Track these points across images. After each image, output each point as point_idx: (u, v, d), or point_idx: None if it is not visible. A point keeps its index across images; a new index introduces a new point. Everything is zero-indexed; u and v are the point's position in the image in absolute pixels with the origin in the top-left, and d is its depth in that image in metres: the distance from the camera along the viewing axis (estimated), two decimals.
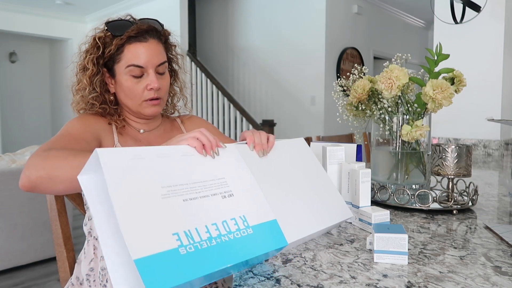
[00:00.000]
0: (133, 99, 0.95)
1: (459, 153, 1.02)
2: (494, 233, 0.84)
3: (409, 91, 1.13)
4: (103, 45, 0.92)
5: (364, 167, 0.91)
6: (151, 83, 0.93)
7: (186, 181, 0.60)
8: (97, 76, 0.94)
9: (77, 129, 0.89)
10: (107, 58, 0.93)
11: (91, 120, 0.94)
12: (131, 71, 0.92)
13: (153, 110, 0.97)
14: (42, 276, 2.58)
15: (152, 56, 0.93)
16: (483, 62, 2.44)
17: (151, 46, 0.93)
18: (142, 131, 1.03)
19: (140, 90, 0.94)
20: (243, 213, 0.63)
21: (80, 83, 0.95)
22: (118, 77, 0.94)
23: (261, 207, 0.66)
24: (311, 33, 4.58)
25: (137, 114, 1.00)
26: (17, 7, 5.59)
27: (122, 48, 0.91)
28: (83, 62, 0.94)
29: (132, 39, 0.91)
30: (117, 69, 0.94)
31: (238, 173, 0.69)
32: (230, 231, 0.59)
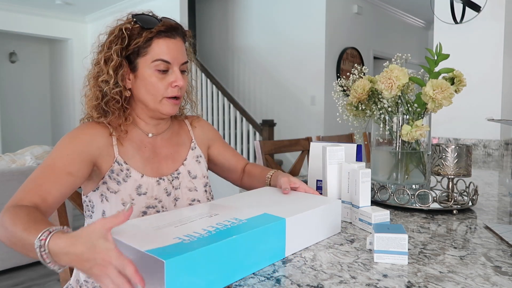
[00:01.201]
0: (155, 95, 0.91)
1: (459, 153, 1.02)
2: (494, 233, 0.84)
3: (409, 91, 1.13)
4: (129, 36, 0.89)
5: (364, 167, 0.91)
6: (177, 80, 0.91)
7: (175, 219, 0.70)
8: (120, 68, 0.89)
9: (64, 159, 0.83)
10: (130, 50, 0.89)
11: (87, 139, 0.88)
12: (157, 65, 0.90)
13: (172, 109, 0.94)
14: (42, 276, 2.58)
15: (178, 53, 0.93)
16: (483, 62, 2.44)
17: (178, 44, 0.93)
18: (150, 135, 0.98)
19: (163, 86, 0.91)
20: (233, 216, 0.71)
21: (102, 75, 0.89)
22: (141, 71, 0.90)
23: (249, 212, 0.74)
24: (311, 33, 4.58)
25: (152, 113, 0.95)
26: (17, 7, 5.59)
27: (150, 42, 0.89)
28: (108, 53, 0.89)
29: (162, 33, 0.90)
30: (141, 62, 0.90)
31: (214, 206, 0.80)
32: (225, 225, 0.66)
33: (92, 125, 0.91)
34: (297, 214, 0.73)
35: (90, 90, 0.93)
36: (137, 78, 0.91)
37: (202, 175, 1.03)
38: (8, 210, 0.71)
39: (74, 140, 0.87)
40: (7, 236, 0.68)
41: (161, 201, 0.93)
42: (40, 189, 0.78)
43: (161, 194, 0.93)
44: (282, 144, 1.87)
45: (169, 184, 0.96)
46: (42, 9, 5.78)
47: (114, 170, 0.90)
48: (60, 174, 0.81)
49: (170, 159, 0.99)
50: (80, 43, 6.34)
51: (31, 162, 2.78)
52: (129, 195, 0.89)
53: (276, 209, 0.76)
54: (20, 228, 0.65)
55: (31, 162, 2.78)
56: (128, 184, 0.90)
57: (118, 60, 0.88)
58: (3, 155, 2.81)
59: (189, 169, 1.01)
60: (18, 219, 0.67)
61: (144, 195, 0.91)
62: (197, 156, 1.05)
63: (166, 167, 0.97)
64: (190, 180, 1.00)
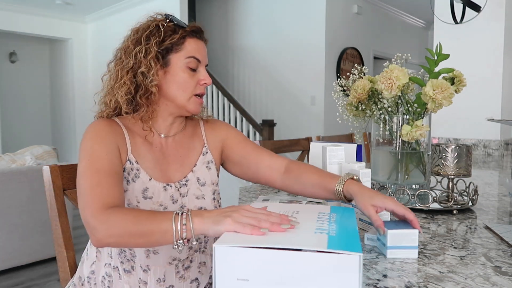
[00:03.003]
0: (185, 91, 0.93)
1: (459, 153, 1.02)
2: (494, 233, 0.84)
3: (409, 91, 1.13)
4: (164, 32, 0.92)
5: (364, 167, 0.91)
6: (206, 79, 0.95)
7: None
8: (158, 62, 0.90)
9: (106, 161, 0.83)
10: (164, 46, 0.91)
11: (110, 137, 0.87)
12: (189, 62, 0.92)
13: (198, 107, 0.96)
14: (42, 276, 2.58)
15: (205, 54, 0.97)
16: (483, 62, 2.44)
17: (204, 46, 0.98)
18: (163, 135, 0.97)
19: (193, 83, 0.94)
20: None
21: (142, 66, 0.89)
22: (174, 66, 0.92)
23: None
24: (311, 33, 4.58)
25: (177, 110, 0.95)
26: (17, 7, 5.59)
27: (184, 40, 0.92)
28: (147, 46, 0.90)
29: (194, 34, 0.95)
30: (174, 58, 0.92)
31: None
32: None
33: (107, 122, 0.90)
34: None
35: (123, 84, 0.90)
36: (167, 73, 0.92)
37: (211, 182, 0.99)
38: (111, 210, 0.74)
39: (103, 140, 0.86)
40: (128, 225, 0.72)
41: (166, 208, 0.91)
42: (112, 193, 0.79)
43: (167, 201, 0.92)
44: (282, 144, 1.87)
45: (177, 191, 0.94)
46: (42, 9, 5.78)
47: (126, 168, 0.89)
48: (112, 176, 0.82)
49: (179, 163, 0.97)
50: (80, 43, 6.34)
51: (31, 162, 2.78)
52: (135, 197, 0.89)
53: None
54: (140, 214, 0.72)
55: (31, 162, 2.78)
56: (136, 185, 0.89)
57: (156, 53, 0.90)
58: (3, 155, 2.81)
59: (198, 175, 0.98)
60: (132, 211, 0.74)
61: (150, 199, 0.90)
62: (208, 162, 1.01)
63: (174, 171, 0.95)
64: (198, 187, 0.97)
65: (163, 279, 0.91)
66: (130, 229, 0.71)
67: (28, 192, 2.64)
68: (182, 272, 0.93)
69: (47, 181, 1.05)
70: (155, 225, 0.70)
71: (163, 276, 0.91)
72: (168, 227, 0.68)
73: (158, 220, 0.70)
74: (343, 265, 0.50)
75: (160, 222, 0.69)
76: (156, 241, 0.71)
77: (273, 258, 0.53)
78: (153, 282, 0.90)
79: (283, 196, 1.21)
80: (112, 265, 0.92)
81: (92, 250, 0.96)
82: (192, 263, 0.95)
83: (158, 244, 0.72)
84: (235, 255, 0.54)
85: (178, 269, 0.93)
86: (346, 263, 0.50)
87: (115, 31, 5.45)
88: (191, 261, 0.95)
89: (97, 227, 0.73)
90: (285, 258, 0.52)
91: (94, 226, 0.73)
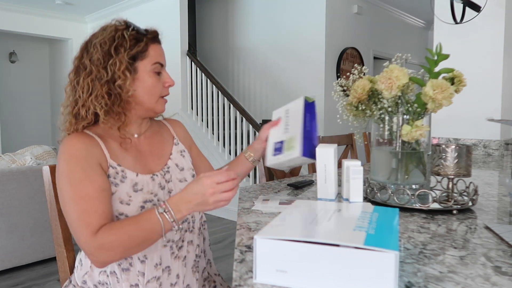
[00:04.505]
0: (154, 95, 0.98)
1: (459, 153, 1.02)
2: (494, 233, 0.84)
3: (409, 91, 1.13)
4: (129, 41, 0.94)
5: (360, 164, 0.92)
6: (169, 81, 1.01)
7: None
8: (130, 71, 0.93)
9: (88, 183, 0.86)
10: (131, 54, 0.94)
11: (85, 154, 0.89)
12: (155, 68, 0.98)
13: (164, 107, 1.04)
14: (42, 276, 2.58)
15: (164, 57, 1.03)
16: (483, 62, 2.44)
17: (162, 49, 1.03)
18: (136, 135, 1.03)
19: (160, 87, 1.00)
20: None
21: (118, 78, 0.91)
22: (141, 73, 0.96)
23: None
24: (311, 33, 4.58)
25: (145, 113, 1.01)
26: (17, 7, 5.59)
27: (147, 47, 0.96)
28: (118, 57, 0.92)
29: (154, 39, 0.99)
30: (141, 65, 0.96)
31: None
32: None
33: (79, 138, 0.91)
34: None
35: (100, 96, 0.92)
36: (136, 80, 0.96)
37: (188, 167, 1.09)
38: (101, 233, 0.82)
39: (79, 161, 0.88)
40: (122, 241, 0.82)
41: (157, 194, 0.97)
42: (98, 215, 0.84)
43: (156, 189, 0.97)
44: None
45: (162, 178, 1.00)
46: (42, 9, 5.78)
47: (110, 174, 0.92)
48: (97, 197, 0.85)
49: (155, 156, 1.04)
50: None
51: (31, 162, 2.78)
52: (126, 193, 0.92)
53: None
54: (131, 226, 0.83)
55: (31, 162, 2.78)
56: (125, 184, 0.93)
57: (127, 64, 0.93)
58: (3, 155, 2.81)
59: (176, 162, 1.07)
60: (121, 227, 0.83)
61: (141, 191, 0.94)
62: (181, 151, 1.11)
63: (153, 163, 1.02)
64: (179, 172, 1.06)
65: (160, 263, 0.94)
66: (125, 244, 0.82)
67: (28, 192, 2.64)
68: (176, 252, 0.97)
69: (47, 181, 1.05)
70: (145, 232, 0.83)
71: (159, 259, 0.95)
72: (153, 216, 0.83)
73: (146, 226, 0.83)
74: (379, 263, 0.51)
75: (148, 226, 0.83)
76: (151, 243, 0.87)
77: (311, 252, 0.55)
78: (151, 270, 0.93)
79: (283, 196, 1.22)
80: (109, 271, 0.94)
81: (87, 260, 0.97)
82: (183, 242, 1.00)
83: (153, 243, 0.87)
84: (275, 248, 0.56)
85: (172, 250, 0.97)
86: (382, 260, 0.51)
87: None
88: (182, 241, 1.01)
89: (94, 252, 0.81)
90: (322, 252, 0.54)
91: (91, 252, 0.82)
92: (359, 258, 0.52)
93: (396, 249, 0.51)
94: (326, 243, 0.54)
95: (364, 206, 0.76)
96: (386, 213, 0.71)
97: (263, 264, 0.57)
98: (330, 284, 0.54)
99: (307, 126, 1.07)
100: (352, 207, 0.77)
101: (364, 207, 0.75)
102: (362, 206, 0.75)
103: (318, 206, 0.76)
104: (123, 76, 0.92)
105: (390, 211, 0.72)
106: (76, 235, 0.84)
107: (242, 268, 0.65)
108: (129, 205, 0.91)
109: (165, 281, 0.95)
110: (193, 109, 4.72)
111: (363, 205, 0.77)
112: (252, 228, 0.89)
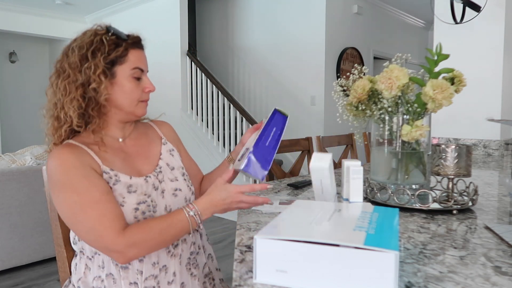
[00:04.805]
0: (132, 100, 0.98)
1: (459, 153, 1.02)
2: (494, 233, 0.84)
3: (409, 91, 1.13)
4: (108, 46, 0.95)
5: (360, 164, 0.92)
6: (150, 86, 1.02)
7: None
8: (105, 76, 0.94)
9: (91, 189, 0.87)
10: (109, 59, 0.95)
11: (79, 162, 0.90)
12: (134, 73, 0.98)
13: (144, 110, 1.04)
14: (42, 276, 2.58)
15: (146, 63, 1.03)
16: (483, 62, 2.44)
17: (144, 54, 1.04)
18: (121, 139, 1.03)
19: (139, 92, 1.00)
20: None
21: (93, 82, 0.92)
22: (120, 78, 0.96)
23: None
24: (311, 33, 4.58)
25: (125, 116, 1.01)
26: (17, 7, 5.59)
27: (127, 52, 0.97)
28: (95, 61, 0.93)
29: (135, 44, 0.99)
30: (120, 70, 0.96)
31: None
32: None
33: (67, 149, 0.92)
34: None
35: (74, 99, 0.94)
36: (114, 84, 0.97)
37: (179, 166, 1.10)
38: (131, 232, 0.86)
39: (77, 169, 0.89)
40: (152, 238, 0.88)
41: (150, 195, 0.97)
42: (115, 215, 0.87)
43: (150, 190, 0.98)
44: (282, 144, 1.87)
45: (156, 179, 1.01)
46: (42, 9, 5.78)
47: (104, 179, 0.92)
48: (106, 199, 0.88)
49: (143, 157, 1.05)
50: None
51: (31, 162, 2.78)
52: (120, 195, 0.93)
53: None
54: (163, 225, 0.88)
55: (31, 162, 2.78)
56: (119, 186, 0.93)
57: (104, 68, 0.94)
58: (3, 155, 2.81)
59: (167, 162, 1.08)
60: (152, 226, 0.88)
61: (134, 192, 0.95)
62: (170, 150, 1.11)
63: (142, 165, 1.03)
64: (170, 171, 1.06)
65: (157, 262, 0.96)
66: (155, 242, 0.88)
67: (28, 192, 2.64)
68: (172, 251, 0.98)
69: (47, 181, 1.05)
70: (175, 231, 0.90)
71: (157, 258, 0.96)
72: (183, 217, 0.89)
73: (176, 226, 0.89)
74: (379, 263, 0.51)
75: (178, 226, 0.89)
76: (176, 240, 0.96)
77: (311, 252, 0.55)
78: (148, 268, 0.94)
79: (283, 196, 1.22)
80: (104, 275, 0.94)
81: (81, 265, 0.98)
82: (179, 240, 1.01)
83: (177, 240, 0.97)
84: (275, 248, 0.56)
85: (169, 248, 0.98)
86: (382, 260, 0.51)
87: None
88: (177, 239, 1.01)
89: (124, 250, 0.85)
90: (322, 252, 0.54)
91: (121, 250, 0.85)
92: (359, 258, 0.52)
93: (396, 249, 0.51)
94: (326, 243, 0.54)
95: (364, 206, 0.76)
96: (386, 213, 0.71)
97: (263, 264, 0.57)
98: (330, 284, 0.54)
99: (265, 140, 0.98)
100: (352, 207, 0.77)
101: (364, 207, 0.75)
102: (362, 206, 0.75)
103: (318, 206, 0.76)
104: (98, 79, 0.93)
105: (390, 211, 0.72)
106: (100, 239, 0.85)
107: (242, 268, 0.65)
108: (123, 206, 0.91)
109: (162, 279, 0.96)
110: (193, 109, 4.71)
111: (363, 205, 0.76)
112: (252, 228, 0.89)
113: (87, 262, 0.96)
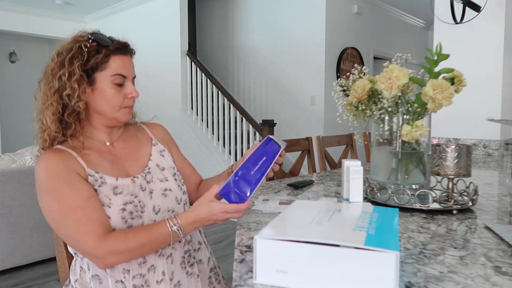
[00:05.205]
0: (113, 106, 0.98)
1: (459, 153, 1.02)
2: (494, 233, 0.84)
3: (409, 91, 1.13)
4: (87, 53, 0.95)
5: (360, 164, 0.92)
6: (133, 92, 1.01)
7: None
8: (82, 82, 0.95)
9: (74, 195, 0.89)
10: (89, 66, 0.96)
11: (63, 167, 0.91)
12: (115, 79, 0.98)
13: (128, 116, 1.03)
14: (42, 276, 2.58)
15: (131, 69, 1.02)
16: (483, 62, 2.44)
17: (130, 60, 1.03)
18: (108, 143, 1.03)
19: (121, 97, 0.99)
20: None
21: (67, 89, 0.94)
22: (100, 84, 0.97)
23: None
24: (311, 33, 4.58)
25: (108, 122, 1.01)
26: (17, 7, 5.59)
27: (107, 58, 0.97)
28: (71, 68, 0.94)
29: (118, 51, 0.99)
30: (100, 77, 0.96)
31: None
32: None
33: (54, 154, 0.94)
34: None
35: (51, 105, 0.95)
36: (95, 90, 0.97)
37: (169, 166, 1.09)
38: (113, 240, 0.87)
39: (60, 176, 0.90)
40: (133, 248, 0.88)
41: (137, 196, 0.98)
42: (95, 221, 0.88)
43: (137, 191, 0.98)
44: None
45: (143, 180, 1.01)
46: (42, 9, 5.78)
47: (89, 182, 0.93)
48: (88, 205, 0.89)
49: (132, 159, 1.05)
50: None
51: (31, 162, 2.78)
52: (106, 197, 0.93)
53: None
54: (145, 237, 0.89)
55: (31, 162, 2.78)
56: (105, 188, 0.94)
57: (80, 75, 0.94)
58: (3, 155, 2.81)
59: (156, 162, 1.08)
60: (134, 236, 0.88)
61: (121, 194, 0.95)
62: (160, 151, 1.11)
63: (131, 166, 1.03)
64: (160, 172, 1.06)
65: (143, 262, 0.96)
66: (136, 251, 0.89)
67: (28, 192, 2.64)
68: (160, 251, 0.98)
69: None
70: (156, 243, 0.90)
71: (143, 258, 0.96)
72: (165, 230, 0.89)
73: (157, 239, 0.89)
74: (380, 263, 0.51)
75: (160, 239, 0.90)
76: (156, 250, 0.95)
77: (311, 252, 0.55)
78: (135, 267, 0.95)
79: (283, 196, 1.22)
80: (90, 276, 0.95)
81: (76, 267, 0.99)
82: None
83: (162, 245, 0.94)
84: (275, 248, 0.56)
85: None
86: (382, 260, 0.51)
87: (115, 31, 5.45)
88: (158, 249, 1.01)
89: (104, 256, 0.86)
90: (323, 252, 0.54)
91: (101, 256, 0.86)
92: (359, 258, 0.52)
93: (396, 249, 0.51)
94: (326, 243, 0.54)
95: (364, 206, 0.76)
96: (386, 213, 0.71)
97: (263, 264, 0.57)
98: (331, 284, 0.54)
99: (250, 168, 0.91)
100: (352, 207, 0.77)
101: (364, 207, 0.75)
102: (362, 206, 0.75)
103: (318, 206, 0.76)
104: (72, 86, 0.93)
105: (390, 211, 0.72)
106: (79, 245, 0.88)
107: (242, 268, 0.66)
108: (110, 207, 0.92)
109: (151, 278, 0.96)
110: (193, 109, 4.71)
111: (363, 205, 0.76)
112: (252, 228, 0.89)
113: (81, 264, 0.97)
